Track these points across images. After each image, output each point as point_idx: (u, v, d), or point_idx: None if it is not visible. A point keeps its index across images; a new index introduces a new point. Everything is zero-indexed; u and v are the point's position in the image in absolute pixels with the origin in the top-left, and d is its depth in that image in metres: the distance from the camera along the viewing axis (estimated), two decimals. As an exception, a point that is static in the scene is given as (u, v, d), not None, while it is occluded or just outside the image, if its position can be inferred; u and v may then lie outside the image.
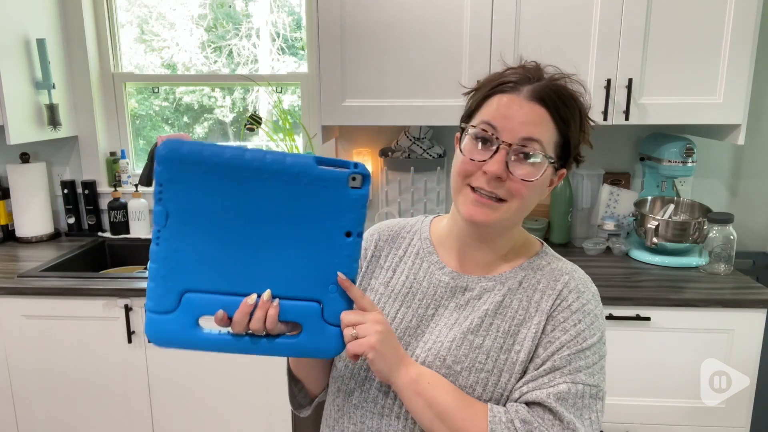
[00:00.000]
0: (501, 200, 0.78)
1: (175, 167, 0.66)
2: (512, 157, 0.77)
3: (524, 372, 0.79)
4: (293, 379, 0.94)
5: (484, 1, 1.78)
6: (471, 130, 0.80)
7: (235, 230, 0.68)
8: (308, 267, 0.70)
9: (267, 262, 0.69)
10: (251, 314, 0.69)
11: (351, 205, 0.69)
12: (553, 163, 0.79)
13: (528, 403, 0.76)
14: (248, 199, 0.67)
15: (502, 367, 0.79)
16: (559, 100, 0.78)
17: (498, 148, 0.76)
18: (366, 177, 0.69)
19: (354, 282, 0.72)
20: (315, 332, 0.72)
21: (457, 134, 0.84)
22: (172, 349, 0.70)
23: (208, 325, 0.70)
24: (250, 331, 0.70)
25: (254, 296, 0.69)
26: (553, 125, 0.78)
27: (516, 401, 0.77)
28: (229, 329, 0.70)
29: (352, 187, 0.69)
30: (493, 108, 0.79)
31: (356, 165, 0.69)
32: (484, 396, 0.78)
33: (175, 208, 0.67)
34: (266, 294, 0.69)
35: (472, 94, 0.85)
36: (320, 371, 0.91)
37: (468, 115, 0.83)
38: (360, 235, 0.71)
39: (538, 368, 0.78)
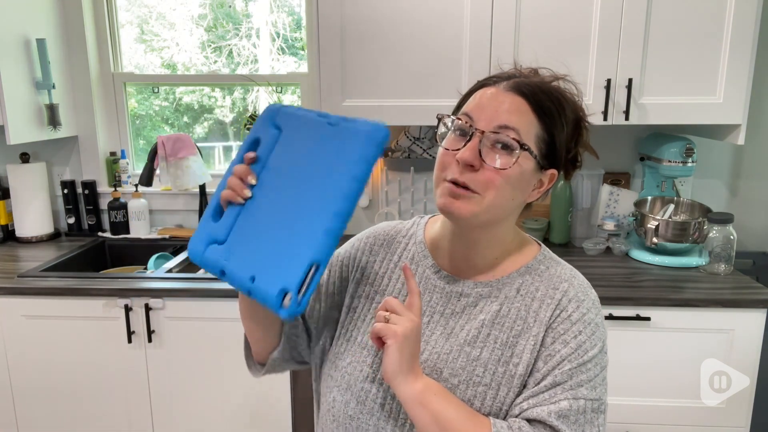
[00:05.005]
0: (475, 192, 0.75)
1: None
2: (486, 145, 0.75)
3: (523, 386, 0.77)
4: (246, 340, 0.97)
5: (484, 1, 1.78)
6: (447, 120, 0.80)
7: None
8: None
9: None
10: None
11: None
12: (531, 153, 0.76)
13: (529, 420, 0.74)
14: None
15: (501, 380, 0.77)
16: (541, 93, 0.76)
17: (471, 136, 0.75)
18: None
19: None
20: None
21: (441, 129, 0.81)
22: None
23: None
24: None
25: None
26: (534, 116, 0.76)
27: (516, 417, 0.75)
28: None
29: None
30: (473, 101, 0.79)
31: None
32: (483, 410, 0.76)
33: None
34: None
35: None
36: (265, 329, 0.90)
37: (454, 113, 0.83)
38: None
39: (539, 383, 0.75)
